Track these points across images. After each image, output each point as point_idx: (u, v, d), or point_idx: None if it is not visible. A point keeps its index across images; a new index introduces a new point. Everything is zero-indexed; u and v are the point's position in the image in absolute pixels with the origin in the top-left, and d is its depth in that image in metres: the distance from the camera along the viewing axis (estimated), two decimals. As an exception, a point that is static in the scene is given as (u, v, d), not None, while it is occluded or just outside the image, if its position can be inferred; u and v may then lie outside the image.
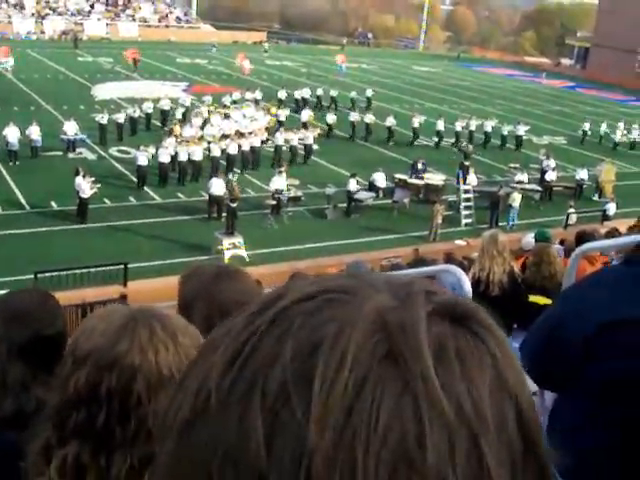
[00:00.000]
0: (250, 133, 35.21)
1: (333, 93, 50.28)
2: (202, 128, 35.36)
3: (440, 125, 41.88)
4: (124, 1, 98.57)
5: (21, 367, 2.55)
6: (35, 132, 32.54)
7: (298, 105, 46.96)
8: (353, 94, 50.67)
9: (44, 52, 69.30)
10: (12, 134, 31.64)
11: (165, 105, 41.00)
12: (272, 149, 35.10)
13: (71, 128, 34.47)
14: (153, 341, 1.66)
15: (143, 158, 29.71)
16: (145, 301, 12.22)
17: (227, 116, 38.12)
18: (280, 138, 34.95)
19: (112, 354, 1.65)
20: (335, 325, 0.67)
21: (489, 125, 42.71)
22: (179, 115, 38.87)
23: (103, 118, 36.24)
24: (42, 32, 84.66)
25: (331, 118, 41.79)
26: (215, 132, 34.62)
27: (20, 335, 2.55)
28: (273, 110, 41.70)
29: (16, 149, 31.59)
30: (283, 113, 41.91)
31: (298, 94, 49.06)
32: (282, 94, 47.84)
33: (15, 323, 2.57)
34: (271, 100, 45.81)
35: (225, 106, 41.39)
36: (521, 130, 42.88)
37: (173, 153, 30.74)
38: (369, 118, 41.74)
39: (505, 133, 42.64)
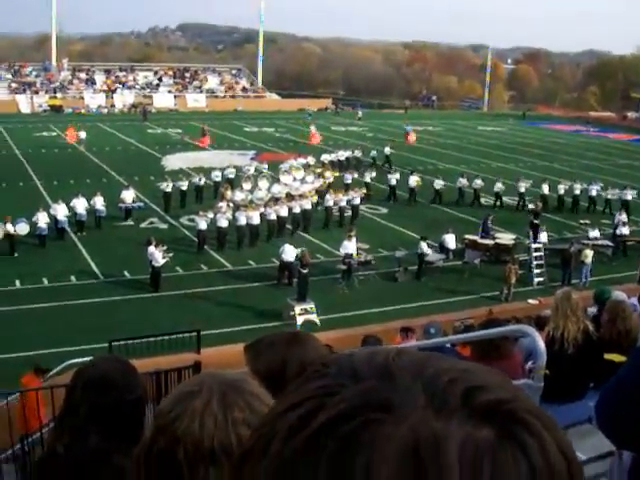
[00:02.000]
0: (300, 196, 35.82)
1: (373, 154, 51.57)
2: (251, 192, 36.58)
3: (545, 189, 41.29)
4: (191, 73, 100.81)
5: (101, 433, 2.61)
6: (99, 202, 33.51)
7: (342, 167, 47.49)
8: (373, 153, 51.64)
9: (115, 125, 71.13)
10: (80, 205, 32.73)
11: (230, 174, 41.80)
12: (323, 210, 35.76)
13: (129, 196, 35.63)
14: (204, 412, 1.68)
15: (203, 223, 30.56)
16: (218, 368, 12.30)
17: (277, 180, 39.19)
18: (330, 200, 35.54)
19: (167, 418, 1.69)
20: (366, 456, 0.67)
21: (594, 189, 41.73)
22: (245, 183, 39.23)
23: (168, 186, 37.32)
24: (112, 106, 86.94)
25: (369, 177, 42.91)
26: (263, 195, 35.74)
27: (101, 401, 2.62)
28: (327, 173, 42.18)
29: (84, 219, 32.62)
30: (332, 175, 42.70)
31: (335, 156, 49.88)
32: (325, 157, 48.48)
33: (96, 389, 2.64)
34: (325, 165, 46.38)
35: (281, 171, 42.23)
36: (629, 195, 41.41)
37: (231, 218, 31.50)
38: (438, 184, 41.54)
39: (609, 197, 41.48)
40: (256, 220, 31.81)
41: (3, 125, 67.02)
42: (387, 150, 52.40)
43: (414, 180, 41.70)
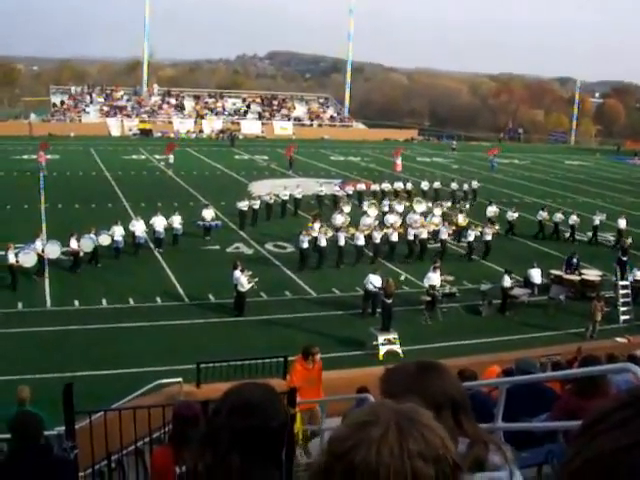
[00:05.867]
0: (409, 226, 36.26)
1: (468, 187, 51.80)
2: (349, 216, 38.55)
3: (622, 224, 41.19)
4: (279, 101, 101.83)
5: (242, 455, 2.71)
6: (177, 221, 34.92)
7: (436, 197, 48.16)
8: (454, 185, 50.98)
9: (202, 150, 72.20)
10: (159, 223, 34.22)
11: (298, 194, 44.36)
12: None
13: (208, 215, 37.29)
14: (381, 441, 1.71)
15: (305, 242, 32.04)
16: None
17: (392, 210, 40.26)
18: (444, 232, 36.06)
19: (344, 446, 1.72)
20: None
21: None
22: (345, 206, 40.75)
23: (244, 205, 39.50)
24: (201, 131, 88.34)
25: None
26: (370, 222, 36.48)
27: (245, 426, 2.71)
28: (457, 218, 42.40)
29: (162, 237, 34.15)
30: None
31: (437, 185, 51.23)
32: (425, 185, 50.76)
33: (241, 415, 2.73)
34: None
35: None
36: None
37: (329, 237, 33.46)
38: (510, 216, 41.29)
39: None
40: (361, 242, 33.30)
41: (94, 147, 68.76)
42: (474, 184, 52.27)
43: (491, 211, 42.17)
